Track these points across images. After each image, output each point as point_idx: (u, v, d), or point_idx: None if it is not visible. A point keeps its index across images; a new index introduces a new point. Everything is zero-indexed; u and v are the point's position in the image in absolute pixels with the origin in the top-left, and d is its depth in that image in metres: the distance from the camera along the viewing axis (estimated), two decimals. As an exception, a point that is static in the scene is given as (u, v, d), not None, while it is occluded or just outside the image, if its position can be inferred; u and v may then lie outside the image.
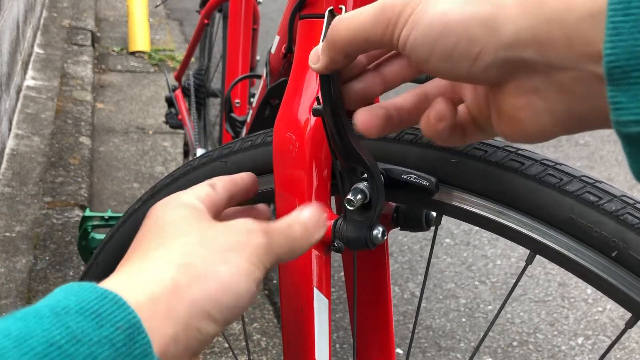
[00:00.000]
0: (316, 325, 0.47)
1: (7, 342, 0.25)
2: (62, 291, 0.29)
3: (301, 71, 0.50)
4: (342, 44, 0.35)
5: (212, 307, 0.31)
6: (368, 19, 0.33)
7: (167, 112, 1.84)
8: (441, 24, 0.30)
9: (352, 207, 0.43)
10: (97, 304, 0.28)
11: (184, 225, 0.35)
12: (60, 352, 0.26)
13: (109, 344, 0.27)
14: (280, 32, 0.77)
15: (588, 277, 0.38)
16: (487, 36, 0.29)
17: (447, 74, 0.32)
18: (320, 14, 0.50)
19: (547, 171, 0.39)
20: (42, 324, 0.26)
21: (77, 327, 0.27)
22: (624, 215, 0.36)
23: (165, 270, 0.32)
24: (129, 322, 0.28)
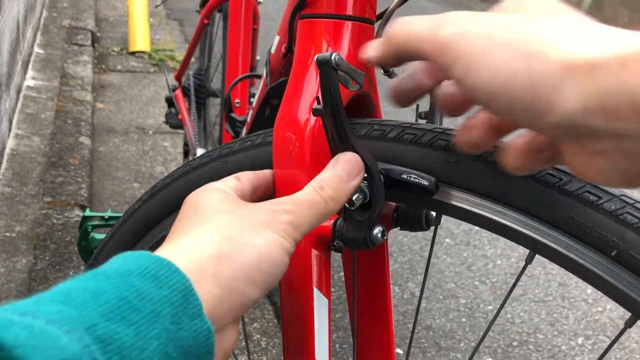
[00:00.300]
0: (316, 325, 0.47)
1: (86, 294, 0.29)
2: (120, 259, 0.32)
3: (301, 71, 0.50)
4: (396, 45, 0.36)
5: (253, 273, 0.35)
6: (422, 33, 0.34)
7: (167, 112, 1.84)
8: (508, 75, 0.29)
9: (352, 207, 0.43)
10: (155, 269, 0.31)
11: (218, 206, 0.39)
12: (130, 306, 0.29)
13: (168, 303, 0.30)
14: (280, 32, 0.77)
15: (588, 277, 0.38)
16: (554, 99, 0.28)
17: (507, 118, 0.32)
18: (319, 14, 0.50)
19: (547, 170, 0.39)
20: (111, 283, 0.30)
21: (140, 286, 0.30)
22: (624, 214, 0.36)
23: (208, 241, 0.35)
24: (183, 285, 0.31)
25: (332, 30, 0.50)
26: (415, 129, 0.45)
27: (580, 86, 0.27)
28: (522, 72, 0.29)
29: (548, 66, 0.28)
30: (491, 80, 0.30)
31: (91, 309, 0.28)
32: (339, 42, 0.49)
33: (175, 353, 0.30)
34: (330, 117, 0.41)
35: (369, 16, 0.51)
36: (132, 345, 0.28)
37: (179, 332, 0.30)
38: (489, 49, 0.30)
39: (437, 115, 0.54)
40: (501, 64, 0.30)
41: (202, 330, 0.31)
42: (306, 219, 0.39)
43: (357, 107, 0.54)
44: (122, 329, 0.28)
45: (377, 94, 0.56)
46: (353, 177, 0.42)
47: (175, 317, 0.30)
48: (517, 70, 0.29)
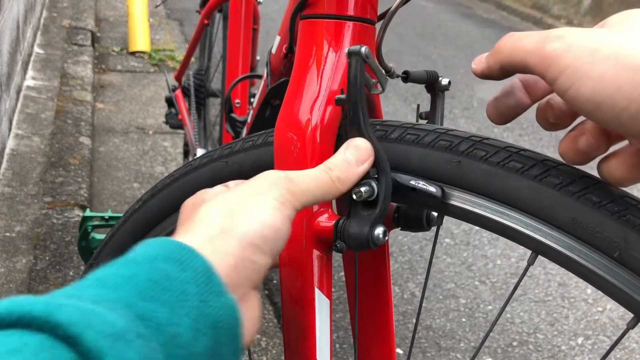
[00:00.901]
0: (317, 325, 0.47)
1: (119, 279, 0.31)
2: (145, 245, 0.35)
3: (302, 71, 0.50)
4: (501, 57, 0.38)
5: (259, 240, 0.37)
6: (529, 46, 0.35)
7: (167, 112, 1.84)
8: (613, 86, 0.31)
9: (357, 198, 0.43)
10: (178, 253, 0.33)
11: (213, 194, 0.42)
12: (161, 287, 0.31)
13: (194, 283, 0.32)
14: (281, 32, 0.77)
15: (590, 278, 0.37)
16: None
17: (611, 128, 0.33)
18: (321, 14, 0.50)
19: (549, 172, 0.39)
20: (141, 267, 0.32)
21: (167, 269, 0.32)
22: (627, 215, 0.36)
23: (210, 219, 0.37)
24: (205, 267, 0.33)
25: (333, 31, 0.49)
26: (418, 129, 0.45)
27: None
28: (627, 82, 0.30)
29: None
30: (596, 90, 0.32)
31: (127, 290, 0.30)
32: (340, 42, 0.49)
33: (205, 328, 0.32)
34: (352, 107, 0.42)
35: (370, 16, 0.51)
36: (167, 321, 0.30)
37: (207, 309, 0.32)
38: (595, 62, 0.32)
39: (437, 115, 0.54)
40: (606, 76, 0.31)
41: (227, 305, 0.33)
42: (309, 190, 0.41)
43: None
44: (156, 307, 0.30)
45: (378, 95, 0.56)
46: (362, 162, 0.44)
47: (202, 296, 0.32)
48: (623, 81, 0.31)
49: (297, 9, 0.51)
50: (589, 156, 0.38)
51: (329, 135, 0.48)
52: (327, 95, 0.48)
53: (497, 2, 6.44)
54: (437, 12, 5.73)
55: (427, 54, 4.26)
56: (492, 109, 0.43)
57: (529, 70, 0.36)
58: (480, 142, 0.42)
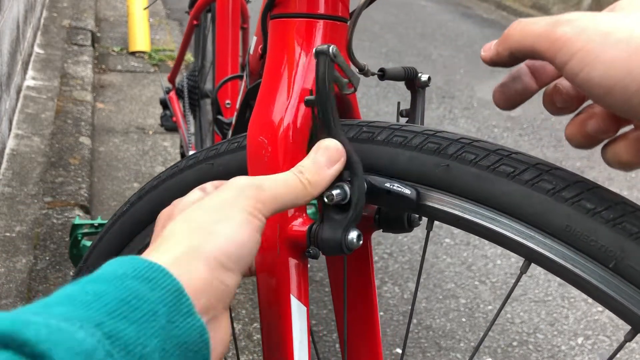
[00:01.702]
0: (295, 333, 0.46)
1: (88, 297, 0.30)
2: (114, 263, 0.34)
3: (274, 73, 0.48)
4: (510, 43, 0.37)
5: (224, 259, 0.36)
6: (539, 30, 0.35)
7: (162, 115, 1.83)
8: (624, 70, 0.30)
9: (329, 202, 0.42)
10: (148, 272, 0.32)
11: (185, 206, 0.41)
12: (130, 306, 0.30)
13: (162, 303, 0.32)
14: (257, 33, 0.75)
15: (585, 288, 0.36)
16: None
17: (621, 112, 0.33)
18: (289, 14, 0.48)
19: (542, 176, 0.38)
20: (110, 285, 0.31)
21: (137, 288, 0.31)
22: (623, 223, 0.34)
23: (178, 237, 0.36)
24: (175, 286, 0.33)
25: (304, 30, 0.48)
26: (406, 131, 0.44)
27: None
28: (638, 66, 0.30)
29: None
30: (608, 74, 0.31)
31: (95, 309, 0.29)
32: (311, 42, 0.48)
33: (172, 349, 0.31)
34: (321, 109, 0.41)
35: (342, 14, 0.49)
36: (135, 341, 0.29)
37: (175, 330, 0.32)
38: (607, 45, 0.31)
39: (418, 112, 0.53)
40: (618, 59, 0.31)
41: (195, 327, 0.32)
42: (279, 196, 0.39)
43: None
44: (125, 326, 0.30)
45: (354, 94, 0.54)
46: (333, 163, 0.42)
47: (170, 316, 0.32)
48: (634, 65, 0.30)
49: (266, 9, 0.50)
50: (596, 139, 0.38)
51: (301, 137, 0.47)
52: (299, 96, 0.47)
53: (497, 2, 6.44)
54: (437, 12, 5.73)
55: (427, 54, 4.26)
56: (499, 95, 0.42)
57: (538, 55, 0.35)
58: (470, 144, 0.41)
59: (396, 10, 5.32)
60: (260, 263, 0.47)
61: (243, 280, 1.80)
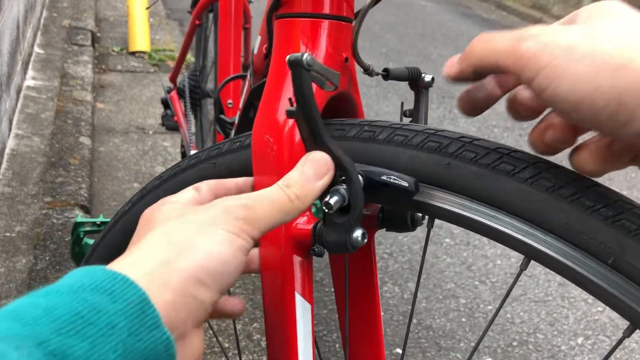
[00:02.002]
0: (299, 331, 0.46)
1: (38, 311, 0.29)
2: (75, 274, 0.32)
3: (279, 72, 0.49)
4: (473, 60, 0.37)
5: (201, 274, 0.34)
6: (503, 46, 0.35)
7: (163, 114, 1.83)
8: (591, 85, 0.30)
9: (330, 210, 0.42)
10: (109, 283, 0.31)
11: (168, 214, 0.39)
12: (84, 320, 0.29)
13: (124, 316, 0.30)
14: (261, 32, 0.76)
15: (584, 285, 0.36)
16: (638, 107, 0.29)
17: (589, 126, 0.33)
18: (295, 13, 0.49)
19: (542, 174, 0.38)
20: (64, 298, 0.30)
21: (94, 301, 0.30)
22: (621, 220, 0.34)
23: (154, 248, 0.35)
24: (139, 298, 0.31)
25: (308, 30, 0.48)
26: (407, 130, 0.44)
27: None
28: (605, 82, 0.30)
29: (633, 79, 0.29)
30: (574, 90, 0.31)
31: (43, 324, 0.28)
32: (316, 41, 0.48)
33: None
34: (304, 119, 0.40)
35: (346, 14, 0.49)
36: (87, 358, 0.28)
37: (137, 344, 0.30)
38: (572, 61, 0.31)
39: (421, 113, 0.53)
40: (584, 75, 0.30)
41: (161, 340, 0.31)
42: (266, 214, 0.38)
43: (337, 107, 0.52)
44: (76, 342, 0.28)
45: (358, 93, 0.54)
46: (320, 176, 0.41)
47: (132, 329, 0.30)
48: (601, 80, 0.30)
49: (272, 9, 0.50)
50: (556, 148, 0.38)
51: None
52: None
53: (497, 2, 6.44)
54: (437, 12, 5.73)
55: (427, 54, 4.26)
56: (463, 102, 0.42)
57: (503, 71, 0.35)
58: (470, 143, 0.41)
59: (396, 10, 5.31)
60: (265, 261, 0.47)
61: (243, 280, 1.80)
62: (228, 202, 0.38)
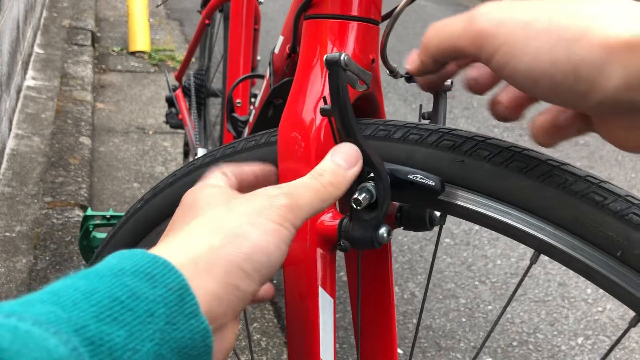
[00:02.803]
0: (321, 325, 0.47)
1: (77, 294, 0.28)
2: (114, 257, 0.31)
3: (306, 71, 0.50)
4: (431, 50, 0.37)
5: (246, 265, 0.34)
6: (456, 30, 0.35)
7: (168, 112, 1.84)
8: (548, 61, 0.30)
9: (358, 207, 0.43)
10: (150, 267, 0.30)
11: (212, 199, 0.38)
12: (123, 306, 0.28)
13: (162, 302, 0.29)
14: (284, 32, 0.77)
15: (593, 277, 0.38)
16: (596, 78, 0.29)
17: (550, 101, 0.33)
18: (325, 14, 0.50)
19: (553, 171, 0.39)
20: (104, 282, 0.29)
21: (134, 285, 0.29)
22: (629, 215, 0.36)
23: (200, 235, 0.34)
24: (179, 284, 0.30)
25: (337, 31, 0.49)
26: (421, 129, 0.45)
27: (622, 65, 0.28)
28: (563, 56, 0.30)
29: (589, 49, 0.29)
30: (533, 66, 0.31)
31: (82, 309, 0.27)
32: (344, 42, 0.49)
33: (170, 354, 0.29)
34: (338, 117, 0.42)
35: (374, 17, 0.51)
36: (124, 346, 0.27)
37: (174, 333, 0.29)
38: (528, 37, 0.31)
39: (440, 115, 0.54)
40: (541, 51, 0.31)
41: (198, 330, 0.30)
42: (306, 201, 0.38)
43: (361, 107, 0.54)
44: (114, 330, 0.27)
45: (381, 94, 0.56)
46: (351, 165, 0.42)
47: (170, 317, 0.29)
48: (558, 55, 0.30)
49: (301, 9, 0.52)
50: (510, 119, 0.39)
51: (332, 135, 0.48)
52: None
53: (497, 3, 6.44)
54: (437, 12, 5.73)
55: (426, 54, 4.26)
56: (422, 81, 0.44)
57: (462, 54, 0.35)
58: (484, 141, 0.42)
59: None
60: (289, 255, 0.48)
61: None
62: (271, 191, 0.38)
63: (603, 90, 0.29)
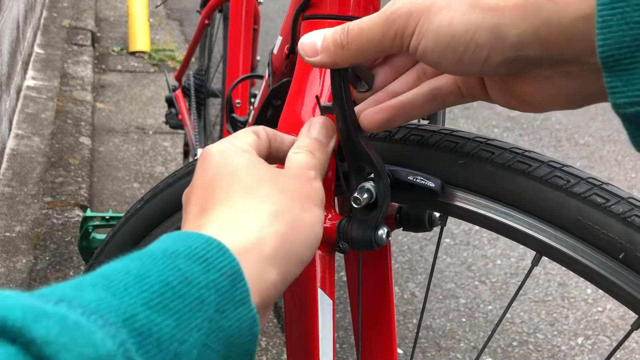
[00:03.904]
0: (320, 326, 0.47)
1: (129, 278, 0.27)
2: (169, 238, 0.30)
3: (305, 72, 0.50)
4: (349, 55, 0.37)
5: (305, 251, 0.34)
6: (375, 34, 0.35)
7: (167, 112, 1.84)
8: (448, 35, 0.32)
9: (358, 206, 0.43)
10: (204, 250, 0.29)
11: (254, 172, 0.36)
12: (174, 292, 0.27)
13: (214, 288, 0.28)
14: (283, 33, 0.77)
15: (595, 279, 0.38)
16: (493, 41, 0.31)
17: (460, 73, 0.35)
18: (323, 15, 0.50)
19: (554, 173, 0.39)
20: (157, 265, 0.28)
21: (187, 269, 0.28)
22: (631, 217, 0.36)
23: (262, 218, 0.33)
24: (233, 269, 0.29)
25: None
26: (422, 130, 0.45)
27: (515, 24, 0.30)
28: (460, 28, 0.31)
29: (482, 14, 0.31)
30: (437, 43, 0.32)
31: (132, 295, 0.26)
32: None
33: (216, 344, 0.28)
34: (340, 116, 0.42)
35: None
36: (171, 337, 0.26)
37: (222, 321, 0.28)
38: (431, 14, 0.33)
39: (439, 115, 0.54)
40: (442, 26, 0.32)
41: (246, 318, 0.29)
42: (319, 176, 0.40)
43: None
44: (162, 319, 0.26)
45: None
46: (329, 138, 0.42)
47: (221, 305, 0.28)
48: (456, 27, 0.32)
49: (299, 10, 0.51)
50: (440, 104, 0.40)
51: None
52: (329, 95, 0.49)
53: None
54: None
55: (426, 54, 4.25)
56: None
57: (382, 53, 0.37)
58: (485, 143, 0.42)
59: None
60: None
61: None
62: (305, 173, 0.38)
63: (500, 52, 0.31)
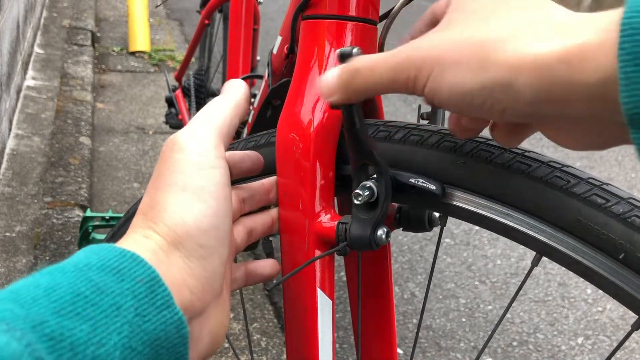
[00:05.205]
0: (320, 326, 0.47)
1: (38, 291, 0.27)
2: (83, 252, 0.31)
3: (304, 72, 0.50)
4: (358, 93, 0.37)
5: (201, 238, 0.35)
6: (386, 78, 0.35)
7: (167, 112, 1.84)
8: (462, 91, 0.32)
9: (358, 202, 0.43)
10: (117, 262, 0.30)
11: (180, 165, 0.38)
12: (87, 301, 0.28)
13: (130, 295, 0.29)
14: (282, 33, 0.77)
15: (595, 280, 0.37)
16: (509, 98, 0.30)
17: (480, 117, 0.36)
18: (322, 15, 0.50)
19: (554, 173, 0.39)
20: (68, 277, 0.28)
21: (99, 280, 0.29)
22: (632, 217, 0.36)
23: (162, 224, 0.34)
24: (149, 276, 0.30)
25: (334, 31, 0.49)
26: (422, 130, 0.45)
27: (529, 83, 0.29)
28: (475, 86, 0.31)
29: (497, 72, 0.30)
30: (452, 96, 0.32)
31: (41, 306, 0.27)
32: (341, 42, 0.49)
33: (141, 346, 0.29)
34: (346, 112, 0.42)
35: (371, 17, 0.51)
36: (87, 341, 0.27)
37: (145, 325, 0.29)
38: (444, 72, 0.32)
39: (439, 115, 0.54)
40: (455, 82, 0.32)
41: (172, 321, 0.30)
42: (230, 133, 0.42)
43: None
44: (76, 324, 0.27)
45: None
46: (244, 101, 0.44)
47: (140, 310, 0.29)
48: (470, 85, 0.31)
49: (298, 10, 0.51)
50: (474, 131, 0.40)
51: (331, 135, 0.48)
52: None
53: None
54: (437, 12, 5.72)
55: (427, 54, 4.25)
56: None
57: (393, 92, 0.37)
58: (485, 143, 0.42)
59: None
60: (287, 256, 0.48)
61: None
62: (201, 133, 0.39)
63: (516, 107, 0.31)
